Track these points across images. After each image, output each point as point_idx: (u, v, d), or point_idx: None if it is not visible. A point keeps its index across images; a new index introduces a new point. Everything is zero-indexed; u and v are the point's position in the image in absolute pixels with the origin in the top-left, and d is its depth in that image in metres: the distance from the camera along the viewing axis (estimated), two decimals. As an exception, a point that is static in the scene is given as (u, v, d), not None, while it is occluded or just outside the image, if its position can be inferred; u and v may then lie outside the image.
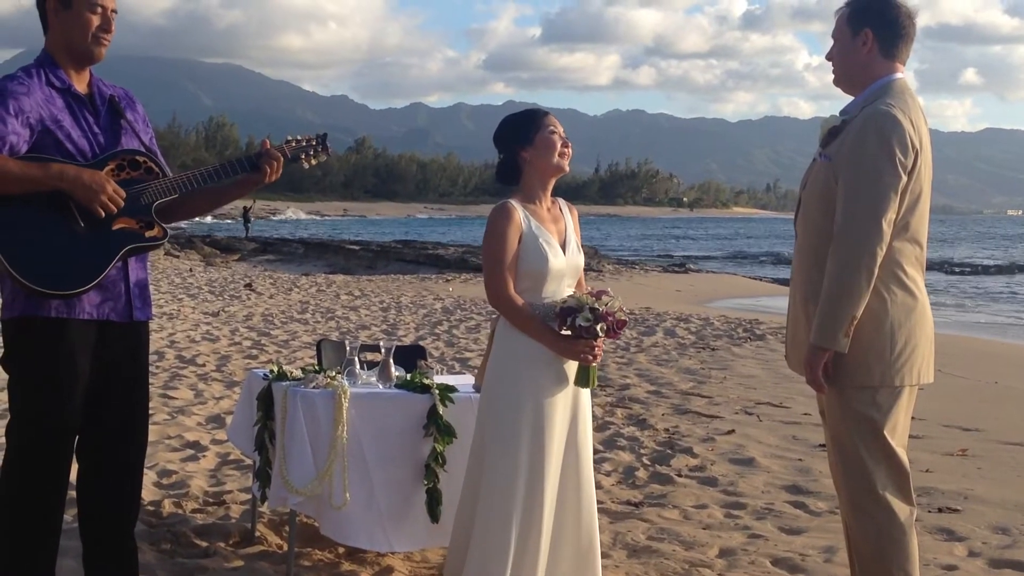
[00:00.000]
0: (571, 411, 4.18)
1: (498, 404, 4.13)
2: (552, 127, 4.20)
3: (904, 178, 3.77)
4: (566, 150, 4.21)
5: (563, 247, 4.21)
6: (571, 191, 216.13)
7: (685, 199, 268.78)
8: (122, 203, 3.87)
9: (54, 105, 3.88)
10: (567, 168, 4.24)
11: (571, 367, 4.15)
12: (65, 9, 3.90)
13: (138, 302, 4.04)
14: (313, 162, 4.34)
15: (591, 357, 4.09)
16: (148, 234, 3.97)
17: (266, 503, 4.85)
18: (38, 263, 3.77)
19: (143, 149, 4.04)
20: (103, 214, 3.84)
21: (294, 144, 4.27)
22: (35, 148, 3.82)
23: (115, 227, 3.89)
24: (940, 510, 6.27)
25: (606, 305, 4.05)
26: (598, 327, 4.02)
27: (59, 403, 3.87)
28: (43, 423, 3.88)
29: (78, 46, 3.94)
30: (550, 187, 4.27)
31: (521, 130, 4.21)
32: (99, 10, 3.92)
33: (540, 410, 4.08)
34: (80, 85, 4.00)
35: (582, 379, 4.15)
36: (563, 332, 4.07)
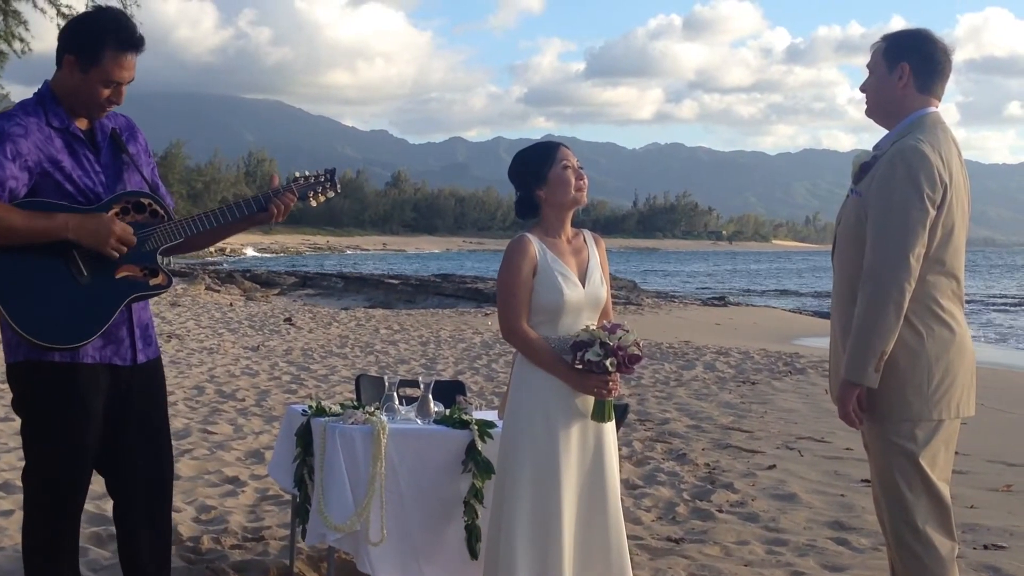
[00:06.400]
0: (593, 444, 4.13)
1: (513, 435, 4.12)
2: (564, 161, 4.19)
3: (932, 212, 3.76)
4: (581, 183, 4.20)
5: (583, 279, 4.19)
6: (609, 224, 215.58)
7: (724, 232, 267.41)
8: (134, 240, 3.79)
9: (53, 145, 3.78)
10: (584, 201, 4.24)
11: (587, 400, 4.11)
12: (81, 73, 3.80)
13: (140, 343, 3.97)
14: (321, 199, 4.20)
15: (605, 392, 4.05)
16: (152, 282, 3.87)
17: (304, 539, 4.85)
18: (39, 315, 3.68)
19: (146, 186, 3.95)
20: (117, 256, 3.76)
21: (302, 182, 4.15)
22: (34, 190, 3.73)
23: (118, 275, 3.81)
24: (986, 547, 6.18)
25: (619, 340, 4.00)
26: (607, 362, 3.97)
27: (72, 446, 3.80)
28: (56, 467, 3.81)
29: (82, 107, 3.86)
30: (568, 219, 4.26)
31: (533, 168, 4.20)
32: (113, 86, 3.83)
33: (554, 442, 4.05)
34: (80, 122, 3.90)
35: (598, 413, 4.11)
36: (576, 366, 4.04)
